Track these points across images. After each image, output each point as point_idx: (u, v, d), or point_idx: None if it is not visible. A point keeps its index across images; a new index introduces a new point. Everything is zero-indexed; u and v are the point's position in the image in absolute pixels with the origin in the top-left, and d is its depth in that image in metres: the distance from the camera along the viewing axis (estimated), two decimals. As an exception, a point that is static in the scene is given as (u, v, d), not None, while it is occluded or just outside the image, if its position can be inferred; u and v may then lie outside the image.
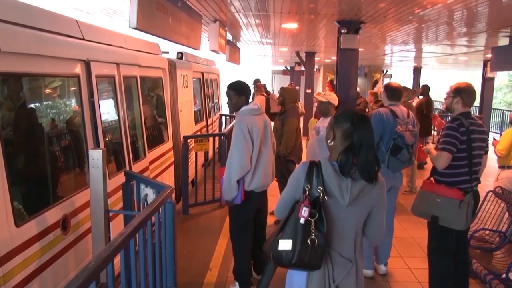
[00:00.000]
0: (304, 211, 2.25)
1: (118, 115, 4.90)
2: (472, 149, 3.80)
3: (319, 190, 2.31)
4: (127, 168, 4.95)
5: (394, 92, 4.91)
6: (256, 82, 14.53)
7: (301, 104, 8.30)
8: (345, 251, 2.42)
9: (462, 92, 3.92)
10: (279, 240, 2.30)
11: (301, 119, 8.01)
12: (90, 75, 4.20)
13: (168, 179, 6.78)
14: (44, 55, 3.49)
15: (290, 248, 2.26)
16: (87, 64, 4.18)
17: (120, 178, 4.38)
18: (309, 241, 2.24)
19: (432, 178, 4.04)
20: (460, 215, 3.78)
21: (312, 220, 2.26)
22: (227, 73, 16.70)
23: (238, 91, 4.26)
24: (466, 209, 3.79)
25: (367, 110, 7.41)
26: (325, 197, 2.30)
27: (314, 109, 10.71)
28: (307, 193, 2.32)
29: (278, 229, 2.38)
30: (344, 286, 2.41)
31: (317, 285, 2.38)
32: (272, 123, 5.02)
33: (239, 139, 4.04)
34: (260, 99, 11.58)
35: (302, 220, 2.25)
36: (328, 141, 2.45)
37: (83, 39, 4.31)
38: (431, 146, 4.13)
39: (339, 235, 2.38)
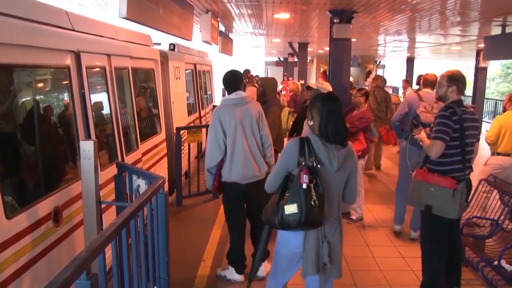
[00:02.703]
0: (305, 178, 2.67)
1: (110, 107, 4.86)
2: (465, 138, 3.80)
3: (312, 160, 2.75)
4: (119, 159, 4.92)
5: (426, 81, 5.80)
6: (246, 73, 14.22)
7: (283, 97, 8.32)
8: (332, 211, 2.90)
9: (457, 81, 3.91)
10: (285, 206, 2.71)
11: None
12: (80, 66, 4.13)
13: (161, 171, 6.76)
14: (31, 45, 3.42)
15: (297, 211, 2.67)
16: (77, 55, 4.11)
17: (112, 170, 4.36)
18: (312, 202, 2.66)
19: (425, 167, 4.04)
20: (454, 203, 3.78)
21: (311, 185, 2.68)
22: (220, 65, 16.61)
23: (223, 80, 4.40)
24: (459, 197, 3.79)
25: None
26: (318, 166, 2.75)
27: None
28: (303, 163, 2.74)
29: (276, 199, 2.81)
30: (333, 240, 2.90)
31: (313, 241, 2.81)
32: None
33: (211, 129, 4.22)
34: (251, 90, 11.50)
35: (304, 186, 2.67)
36: (308, 121, 2.93)
37: (73, 30, 4.25)
38: (423, 135, 4.13)
39: (328, 197, 2.82)
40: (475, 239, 4.97)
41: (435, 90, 4.16)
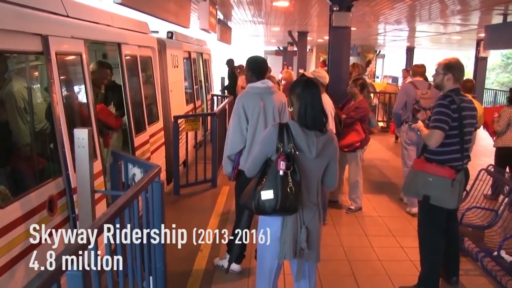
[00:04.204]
0: (282, 165, 2.68)
1: (87, 96, 4.40)
2: (464, 126, 3.73)
3: (290, 147, 2.75)
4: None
5: (415, 72, 6.61)
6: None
7: (282, 86, 8.19)
8: (311, 197, 2.90)
9: (453, 68, 3.81)
10: (261, 192, 2.72)
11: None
12: (48, 51, 3.61)
13: (160, 159, 6.70)
14: None
15: (273, 197, 2.69)
16: (44, 39, 3.58)
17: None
18: (288, 189, 2.68)
19: (422, 157, 3.97)
20: (453, 193, 3.73)
21: (289, 171, 2.70)
22: (220, 54, 16.51)
23: (248, 64, 4.27)
24: (458, 187, 3.73)
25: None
26: (296, 152, 2.75)
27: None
28: (281, 150, 2.75)
29: (254, 184, 2.81)
30: (311, 226, 2.89)
31: (291, 227, 2.83)
32: None
33: (234, 116, 4.10)
34: (243, 79, 11.39)
35: (281, 172, 2.68)
36: (288, 108, 2.97)
37: (67, 16, 4.16)
38: (421, 124, 4.05)
39: (306, 183, 2.83)
40: (475, 229, 4.93)
41: (432, 78, 4.11)
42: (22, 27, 3.34)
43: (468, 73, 18.19)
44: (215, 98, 12.71)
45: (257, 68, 4.21)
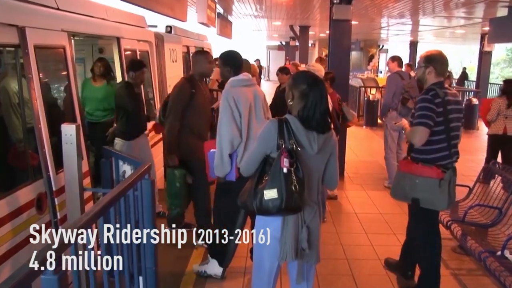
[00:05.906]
0: (286, 162, 2.55)
1: (71, 92, 4.22)
2: (449, 122, 3.54)
3: (291, 143, 2.62)
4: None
5: (401, 63, 7.16)
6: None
7: None
8: (312, 195, 2.79)
9: (434, 61, 3.61)
10: (264, 191, 2.57)
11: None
12: (25, 44, 3.41)
13: (156, 156, 6.60)
14: None
15: (277, 196, 2.54)
16: (21, 31, 3.39)
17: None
18: (292, 187, 2.54)
19: (409, 157, 3.77)
20: (442, 194, 3.53)
21: (292, 169, 2.56)
22: (222, 49, 16.31)
23: (224, 60, 4.05)
24: (447, 187, 3.54)
25: None
26: (298, 148, 2.63)
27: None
28: (283, 146, 2.61)
29: (254, 183, 2.66)
30: (312, 225, 2.79)
31: (292, 226, 2.71)
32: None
33: (226, 111, 3.81)
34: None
35: (285, 170, 2.55)
36: (288, 101, 2.76)
37: (58, 9, 4.05)
38: (405, 122, 3.88)
39: (308, 181, 2.69)
40: (478, 228, 4.80)
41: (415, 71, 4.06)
42: None
43: (473, 68, 17.99)
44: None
45: (233, 62, 4.02)
